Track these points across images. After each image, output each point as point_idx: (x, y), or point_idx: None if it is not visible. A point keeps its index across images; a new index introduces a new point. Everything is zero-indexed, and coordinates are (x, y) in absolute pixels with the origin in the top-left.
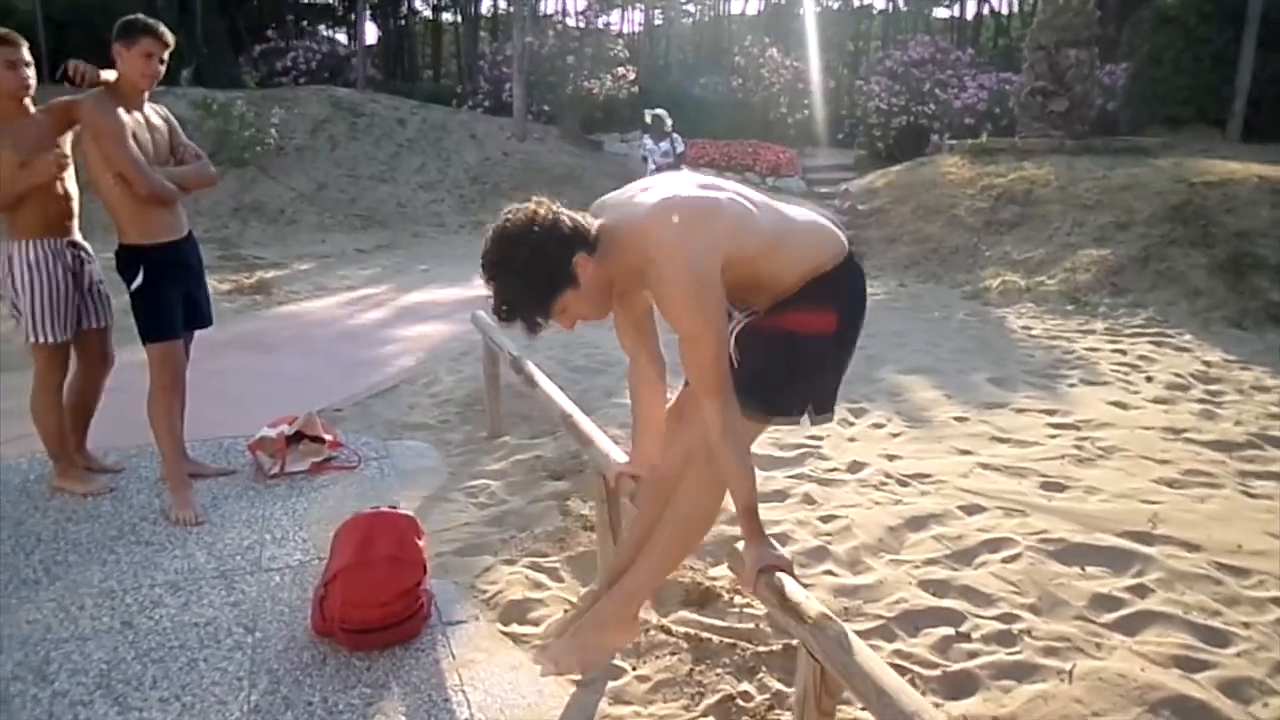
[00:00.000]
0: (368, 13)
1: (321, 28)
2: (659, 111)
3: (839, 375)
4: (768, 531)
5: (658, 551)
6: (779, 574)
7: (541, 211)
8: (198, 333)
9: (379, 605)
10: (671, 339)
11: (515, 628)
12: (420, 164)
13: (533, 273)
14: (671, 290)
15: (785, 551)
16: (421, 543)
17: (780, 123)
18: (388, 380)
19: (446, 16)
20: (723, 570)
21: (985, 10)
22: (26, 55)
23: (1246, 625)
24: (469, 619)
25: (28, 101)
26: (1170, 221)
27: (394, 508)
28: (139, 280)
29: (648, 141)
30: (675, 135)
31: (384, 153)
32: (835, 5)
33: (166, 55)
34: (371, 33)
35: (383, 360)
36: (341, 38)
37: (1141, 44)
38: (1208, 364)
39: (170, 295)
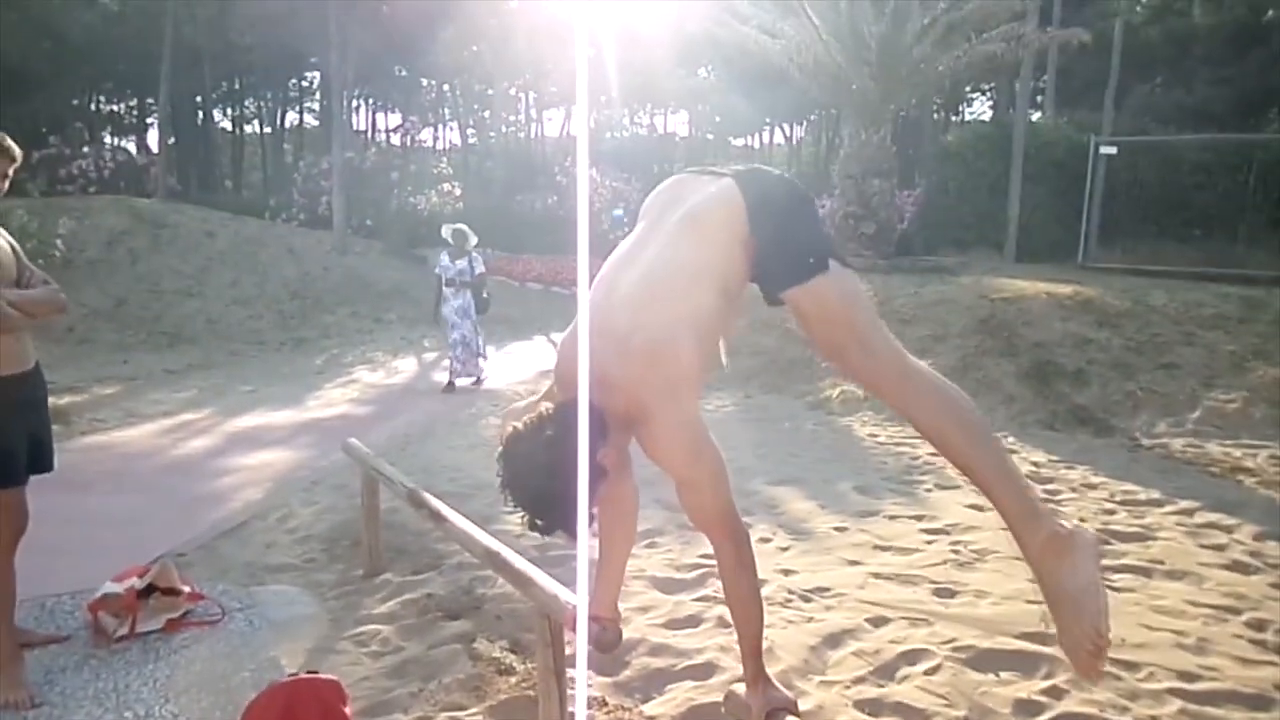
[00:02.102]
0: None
1: (107, 135)
2: (460, 227)
3: None
4: (692, 661)
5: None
6: (789, 718)
7: (550, 431)
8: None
9: None
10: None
11: None
12: (234, 278)
13: (566, 494)
14: (665, 440)
15: (788, 691)
16: (348, 710)
17: (602, 238)
18: (233, 517)
19: (249, 128)
20: (659, 707)
21: (779, 140)
22: None
23: (1155, 718)
24: None
25: None
26: (979, 334)
27: (313, 673)
28: None
29: (444, 258)
30: (474, 254)
31: (191, 266)
32: (643, 131)
33: (12, 171)
34: (155, 140)
35: (222, 494)
36: (130, 146)
37: (929, 175)
38: (1036, 465)
39: (15, 435)
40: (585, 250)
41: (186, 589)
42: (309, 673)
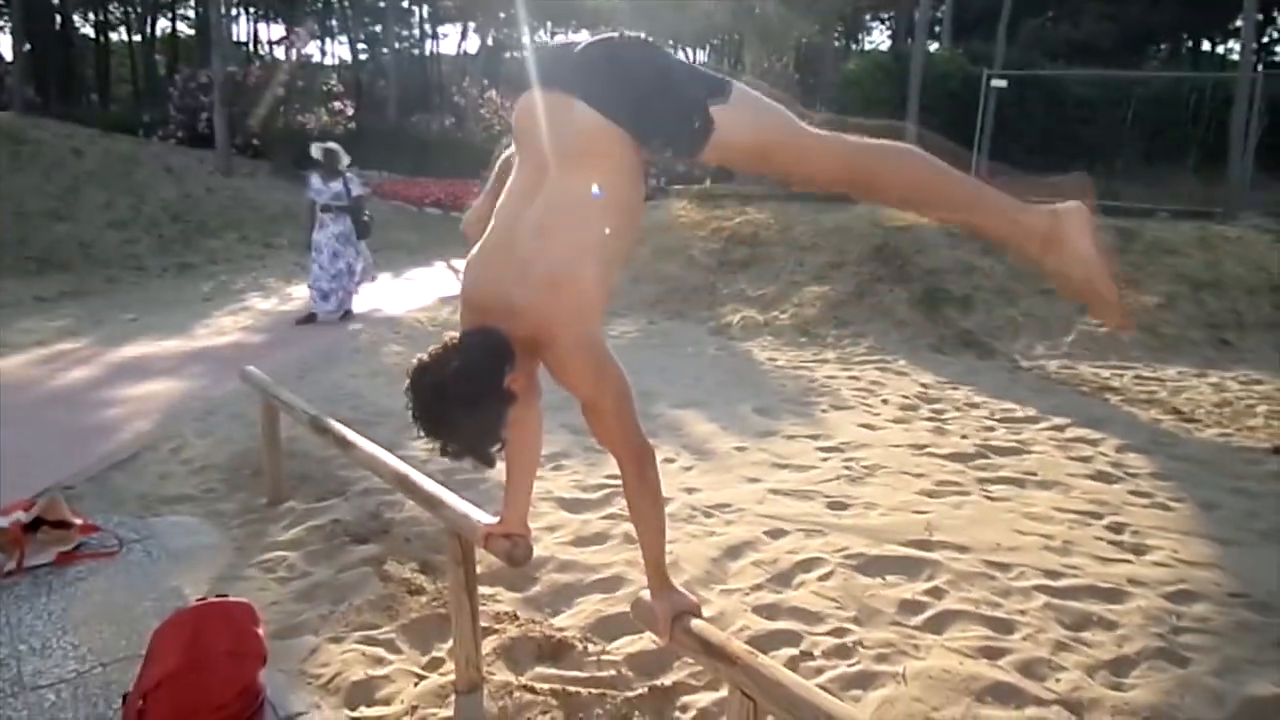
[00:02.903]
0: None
1: None
2: (331, 146)
3: None
4: (599, 575)
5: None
6: (693, 620)
7: (456, 362)
8: None
9: (215, 710)
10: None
11: (364, 710)
12: (107, 200)
13: (476, 422)
14: (571, 363)
15: (692, 596)
16: (260, 631)
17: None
18: (124, 449)
19: (115, 36)
20: (568, 619)
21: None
22: None
23: (1023, 612)
24: (309, 709)
25: None
26: (875, 261)
27: (223, 597)
28: None
29: (314, 181)
30: (350, 175)
31: (57, 186)
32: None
33: None
34: (6, 45)
35: (110, 426)
36: None
37: (830, 102)
38: (925, 386)
39: None
40: None
41: (78, 521)
42: (218, 596)
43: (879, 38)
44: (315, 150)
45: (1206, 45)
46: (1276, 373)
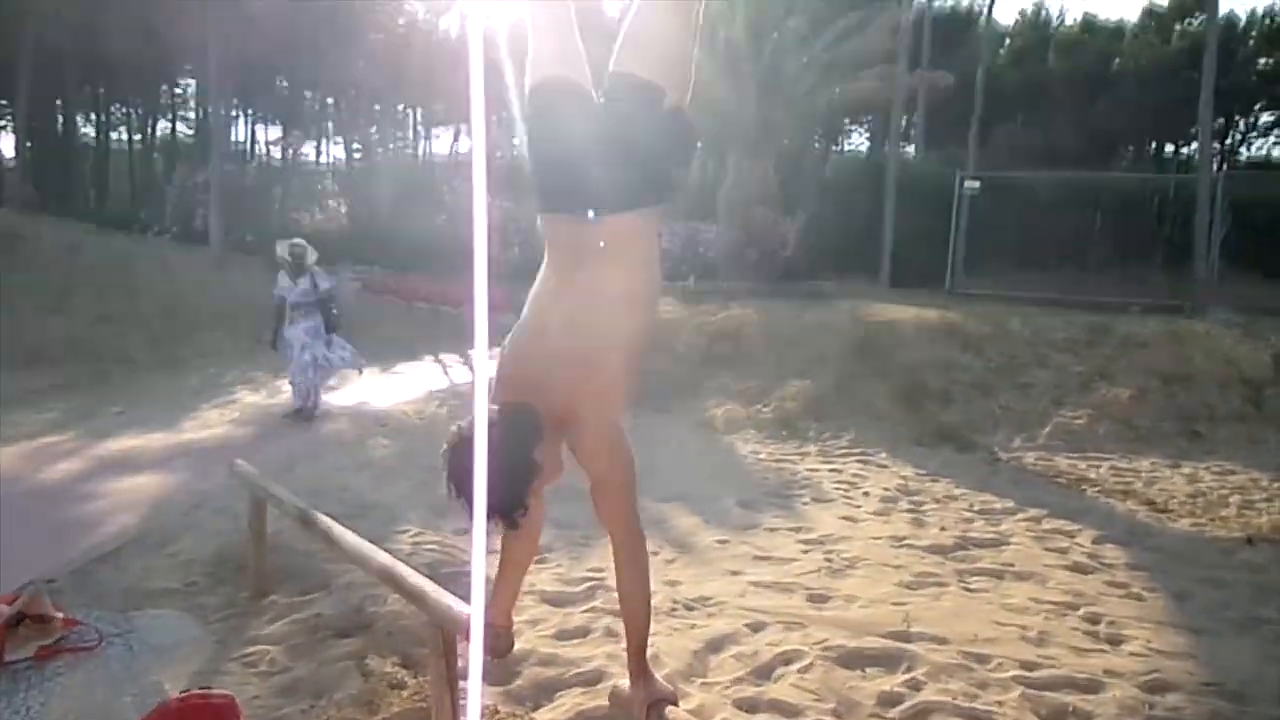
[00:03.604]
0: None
1: None
2: (296, 242)
3: None
4: (580, 670)
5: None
6: (669, 708)
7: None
8: None
9: None
10: None
11: None
12: (100, 295)
13: (506, 488)
14: (592, 440)
15: (670, 686)
16: None
17: (494, 260)
18: (108, 542)
19: (115, 137)
20: (549, 714)
21: None
22: None
23: (1000, 704)
24: None
25: None
26: (855, 356)
27: (205, 690)
28: None
29: (281, 279)
30: (317, 270)
31: (53, 283)
32: None
33: None
34: (8, 145)
35: (94, 519)
36: None
37: (810, 204)
38: (905, 478)
39: None
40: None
41: (59, 616)
42: (199, 690)
43: (859, 140)
44: (280, 248)
45: (1170, 148)
46: (1248, 464)
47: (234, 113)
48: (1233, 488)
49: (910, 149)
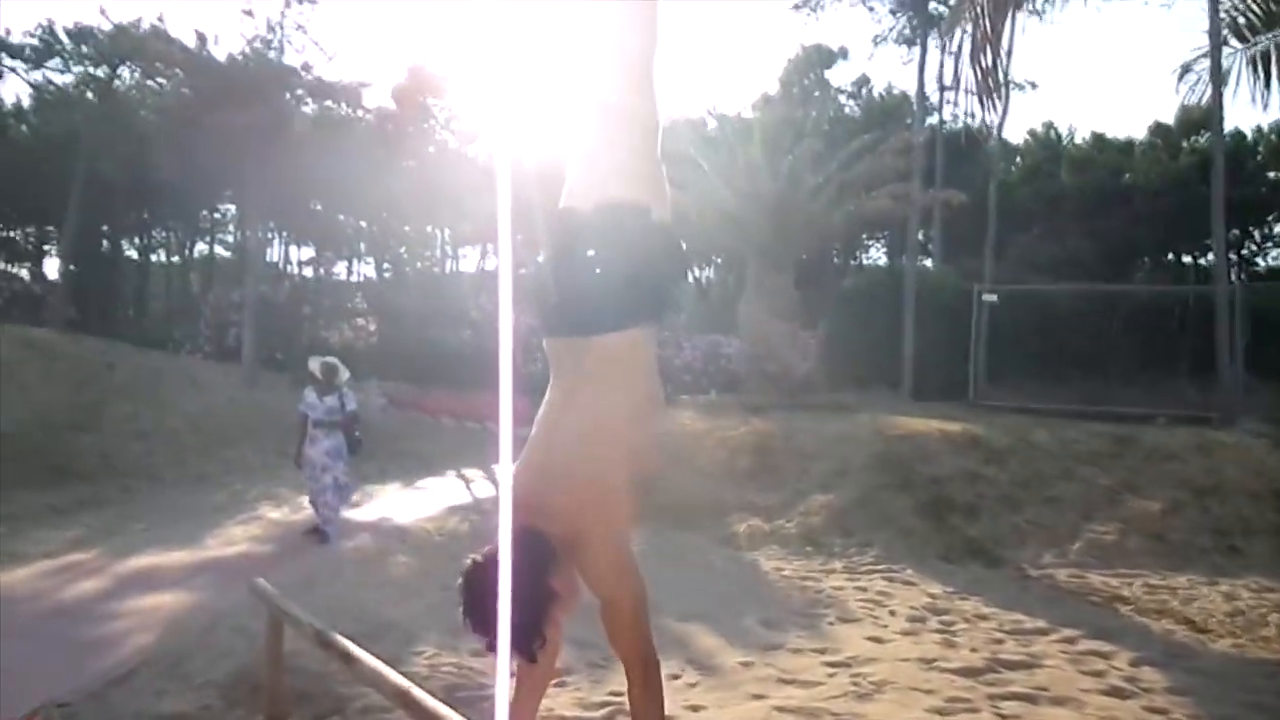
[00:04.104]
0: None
1: (1, 262)
2: (329, 360)
3: None
4: None
5: None
6: None
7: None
8: None
9: None
10: None
11: None
12: (132, 412)
13: (523, 618)
14: (599, 561)
15: None
16: None
17: (517, 374)
18: (123, 663)
19: (154, 258)
20: None
21: (689, 278)
22: None
23: None
24: None
25: None
26: (877, 469)
27: None
28: None
29: (309, 395)
30: (345, 390)
31: (86, 399)
32: None
33: None
34: (54, 267)
35: (112, 639)
36: (24, 274)
37: (829, 316)
38: (933, 596)
39: None
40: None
41: None
42: None
43: (877, 253)
44: (313, 364)
45: (1189, 258)
46: None
47: (270, 235)
48: (1272, 605)
49: (928, 262)
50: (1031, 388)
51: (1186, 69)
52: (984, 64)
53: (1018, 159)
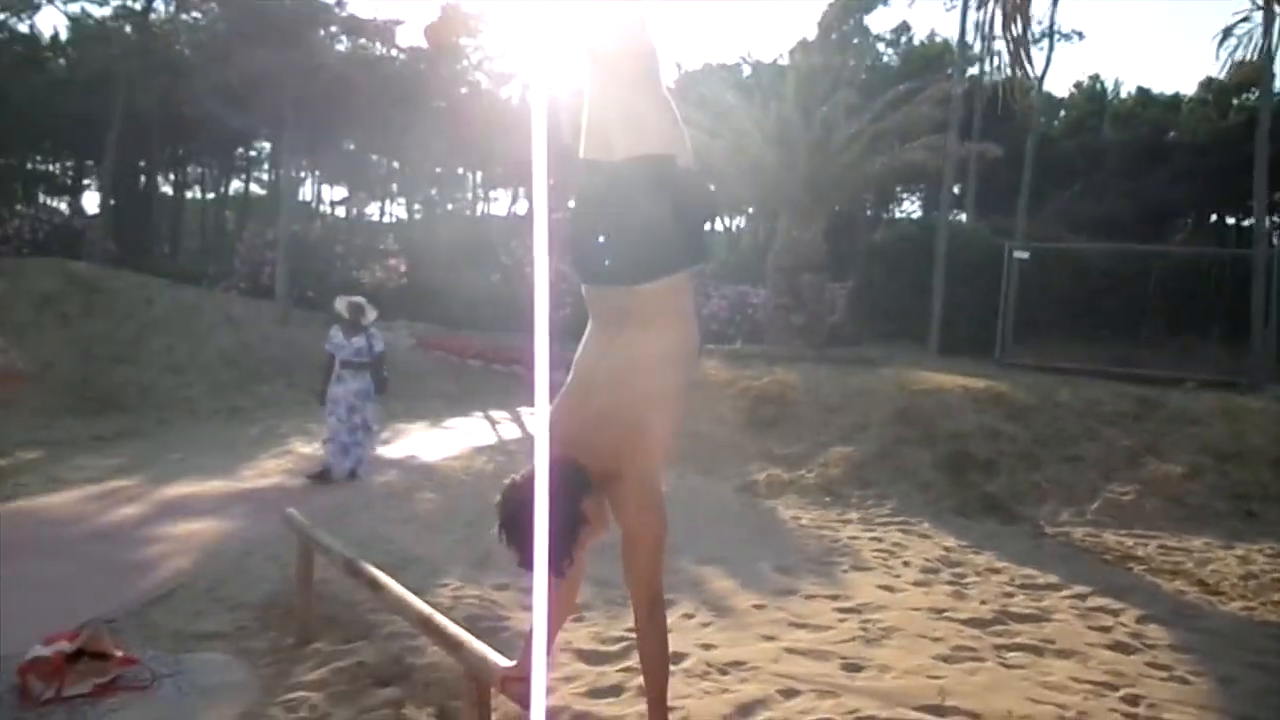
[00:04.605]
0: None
1: (41, 195)
2: (356, 299)
3: None
4: None
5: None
6: None
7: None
8: None
9: None
10: None
11: None
12: (168, 345)
13: (555, 537)
14: (630, 494)
15: None
16: None
17: (548, 319)
18: (163, 585)
19: (190, 194)
20: None
21: (718, 228)
22: None
23: None
24: None
25: None
26: (899, 423)
27: None
28: None
29: (335, 335)
30: (374, 331)
31: (125, 332)
32: None
33: None
34: (92, 201)
35: (151, 562)
36: (63, 207)
37: (859, 270)
38: (947, 549)
39: None
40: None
41: (118, 654)
42: None
43: (911, 206)
44: (340, 303)
45: (1231, 220)
46: None
47: (303, 173)
48: None
49: (963, 216)
50: (1060, 348)
51: (1228, 33)
52: (1014, 33)
53: (1061, 112)
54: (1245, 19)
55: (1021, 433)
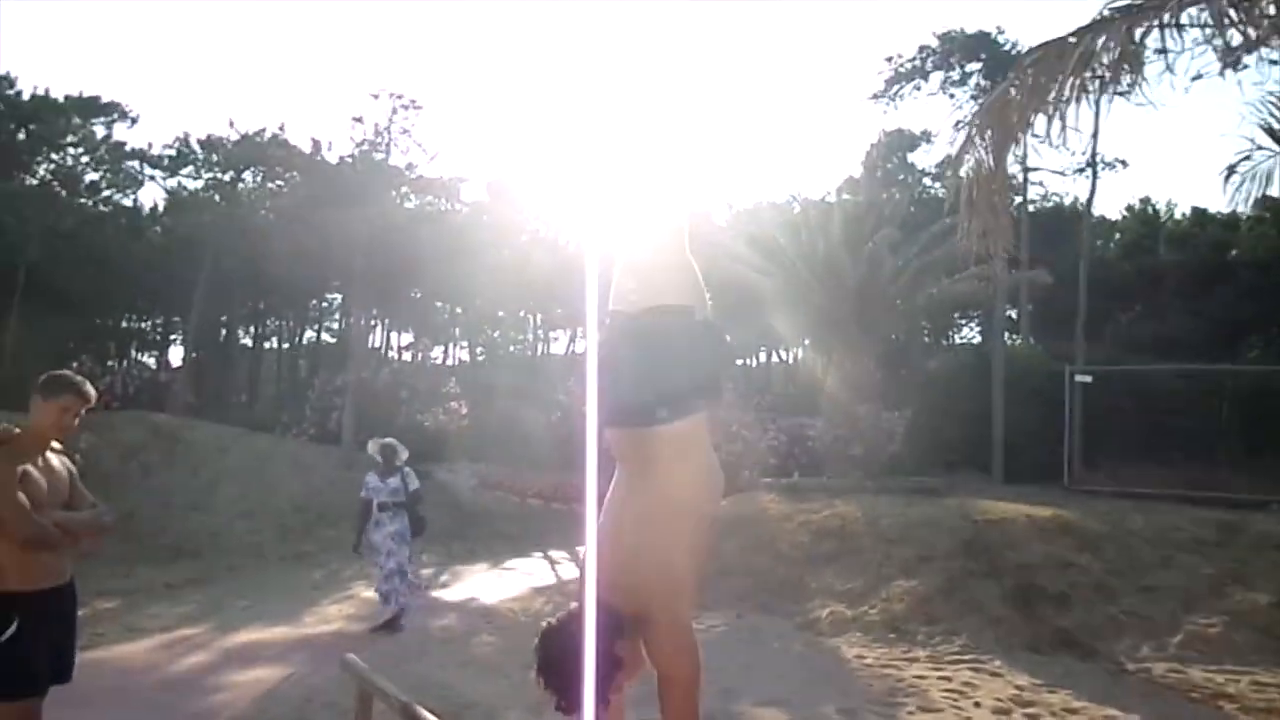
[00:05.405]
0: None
1: (132, 350)
2: (389, 441)
3: None
4: None
5: None
6: None
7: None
8: None
9: None
10: None
11: None
12: (240, 493)
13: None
14: (661, 636)
15: None
16: None
17: (603, 454)
18: None
19: (267, 345)
20: None
21: (774, 359)
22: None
23: None
24: None
25: None
26: (964, 555)
27: None
28: (10, 629)
29: (371, 479)
30: (408, 470)
31: (201, 481)
32: None
33: (84, 411)
34: (177, 355)
35: (215, 712)
36: (151, 361)
37: (912, 398)
38: (1019, 688)
39: (40, 647)
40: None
41: None
42: None
43: (969, 333)
44: (372, 446)
45: None
46: None
47: (372, 321)
48: None
49: (1018, 340)
50: (1130, 472)
51: (1232, 170)
52: (991, 198)
53: (1116, 235)
54: (1247, 157)
55: (1094, 563)
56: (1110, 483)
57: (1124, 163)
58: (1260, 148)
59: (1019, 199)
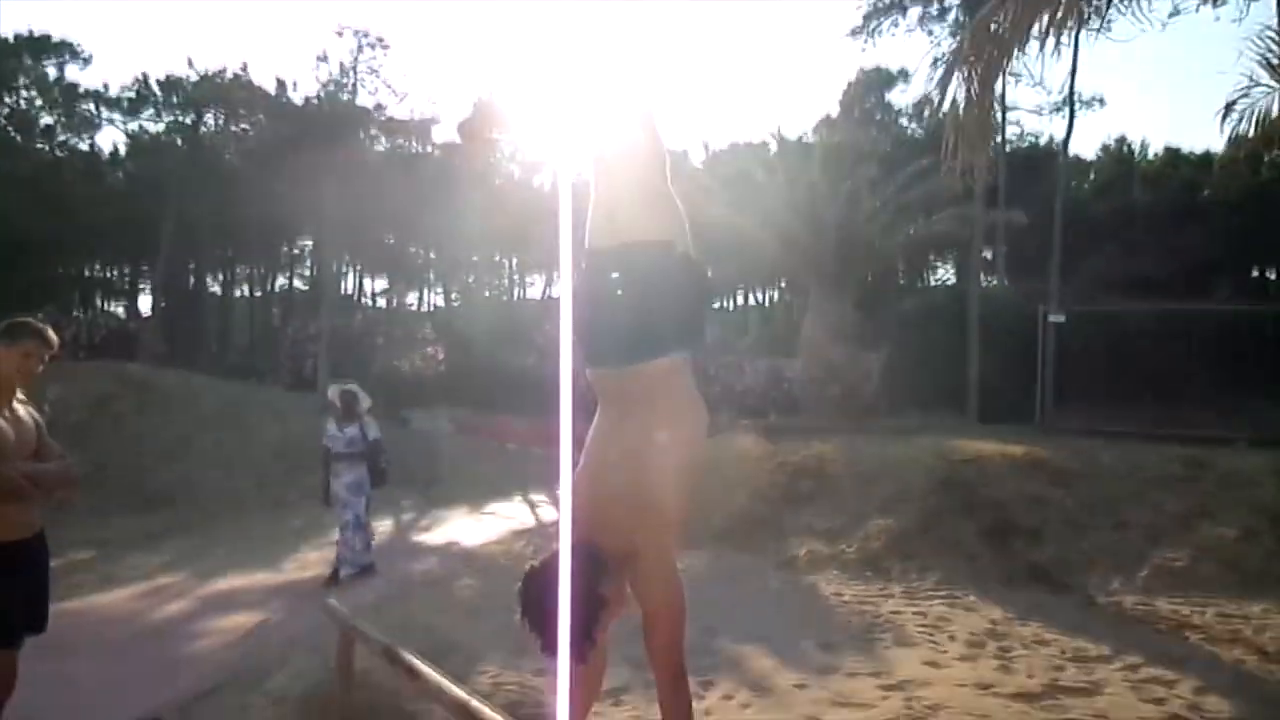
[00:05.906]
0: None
1: (98, 299)
2: (350, 387)
3: None
4: None
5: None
6: None
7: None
8: None
9: None
10: None
11: None
12: (216, 441)
13: (577, 619)
14: (648, 573)
15: None
16: None
17: (580, 398)
18: (208, 681)
19: (237, 292)
20: None
21: (750, 301)
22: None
23: None
24: None
25: None
26: (940, 493)
27: None
28: None
29: (330, 427)
30: (368, 419)
31: (175, 430)
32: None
33: (47, 357)
34: (146, 304)
35: (198, 658)
36: (120, 311)
37: (888, 339)
38: (993, 621)
39: (12, 598)
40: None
41: None
42: None
43: (945, 273)
44: (331, 391)
45: (1273, 274)
46: None
47: (344, 267)
48: None
49: (994, 282)
50: (1102, 411)
51: (1229, 108)
52: (976, 117)
53: (1091, 175)
54: (1245, 94)
55: (1066, 499)
56: (1082, 421)
57: (1101, 101)
58: (1258, 84)
59: (998, 137)
